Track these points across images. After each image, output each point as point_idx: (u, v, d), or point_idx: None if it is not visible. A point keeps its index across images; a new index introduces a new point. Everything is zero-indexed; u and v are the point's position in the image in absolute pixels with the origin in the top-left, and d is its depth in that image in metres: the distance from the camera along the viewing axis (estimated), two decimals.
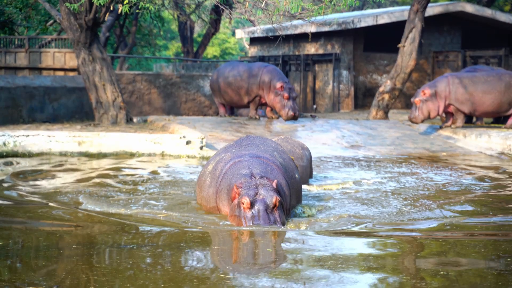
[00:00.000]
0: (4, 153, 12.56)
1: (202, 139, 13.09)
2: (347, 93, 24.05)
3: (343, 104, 23.97)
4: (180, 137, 13.11)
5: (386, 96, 18.78)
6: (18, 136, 12.79)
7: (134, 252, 5.68)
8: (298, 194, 7.59)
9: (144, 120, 16.47)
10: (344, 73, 23.95)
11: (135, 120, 16.36)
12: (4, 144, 12.67)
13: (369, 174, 11.09)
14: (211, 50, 49.53)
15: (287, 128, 16.19)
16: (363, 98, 24.60)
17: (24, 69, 20.86)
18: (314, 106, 24.20)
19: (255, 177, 6.59)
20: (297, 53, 25.43)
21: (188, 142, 13.04)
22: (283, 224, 6.46)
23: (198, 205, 7.63)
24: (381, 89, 18.92)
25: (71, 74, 20.35)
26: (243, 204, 6.44)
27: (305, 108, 24.39)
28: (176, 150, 13.04)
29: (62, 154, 12.79)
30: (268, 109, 17.29)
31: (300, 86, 24.68)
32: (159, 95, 21.97)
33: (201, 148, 13.01)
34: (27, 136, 12.86)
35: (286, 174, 7.12)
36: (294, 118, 16.38)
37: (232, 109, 18.15)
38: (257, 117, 17.07)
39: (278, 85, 16.48)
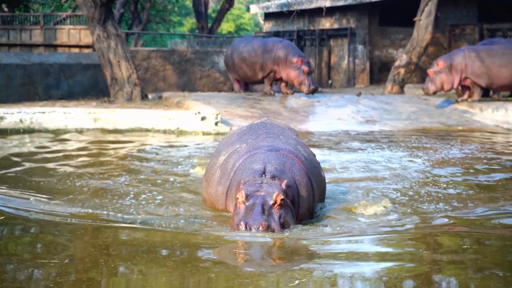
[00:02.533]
0: (21, 130, 12.64)
1: (217, 115, 13.10)
2: (363, 68, 23.92)
3: (359, 79, 23.86)
4: (195, 113, 13.12)
5: (402, 71, 18.66)
6: (34, 113, 12.85)
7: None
8: (322, 194, 6.69)
9: (159, 97, 16.49)
10: (360, 47, 23.80)
11: (150, 96, 16.38)
12: (21, 121, 12.74)
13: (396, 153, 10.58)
14: (226, 26, 49.36)
15: (302, 104, 16.15)
16: (378, 73, 24.45)
17: (39, 46, 20.90)
18: (330, 81, 24.11)
19: (266, 175, 5.70)
20: (312, 28, 25.29)
21: (203, 118, 13.05)
22: (284, 226, 5.49)
23: (204, 202, 6.72)
24: (396, 64, 18.80)
25: (86, 51, 20.37)
26: (237, 198, 5.55)
27: (320, 83, 24.30)
28: (191, 126, 13.06)
29: (78, 130, 12.85)
30: (282, 84, 17.23)
31: (315, 61, 24.57)
32: (174, 72, 21.97)
33: (216, 124, 13.02)
34: (43, 113, 12.92)
35: (311, 172, 6.20)
36: (314, 92, 16.39)
37: (247, 85, 18.12)
38: (272, 92, 17.03)
39: (295, 59, 16.42)
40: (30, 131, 12.64)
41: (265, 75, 17.02)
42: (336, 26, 24.40)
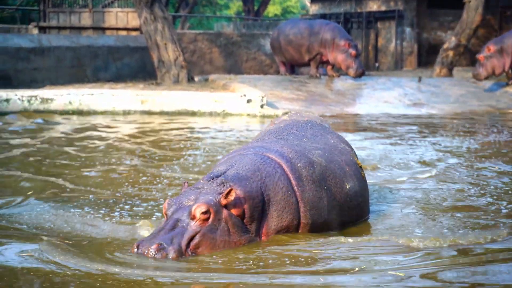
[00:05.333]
0: (70, 111, 12.85)
1: (262, 97, 13.11)
2: (410, 51, 23.62)
3: (406, 62, 23.57)
4: (241, 96, 13.15)
5: (451, 53, 18.38)
6: (83, 95, 13.05)
7: None
8: (349, 210, 5.34)
9: (205, 79, 16.57)
10: (407, 30, 23.49)
11: (196, 79, 16.48)
12: (70, 102, 12.95)
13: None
14: (272, 9, 49.21)
15: (348, 86, 16.06)
16: (426, 55, 24.10)
17: (88, 29, 21.16)
18: (377, 64, 23.88)
19: (215, 180, 4.73)
20: (359, 10, 25.04)
21: (249, 101, 13.07)
22: (197, 249, 4.47)
23: None
24: (445, 46, 18.52)
25: (133, 33, 20.55)
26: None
27: (367, 66, 24.07)
28: (237, 108, 13.10)
29: (126, 112, 13.01)
30: (329, 67, 17.14)
31: (362, 44, 24.32)
32: (220, 54, 22.02)
33: (261, 106, 13.04)
34: (92, 94, 13.11)
35: (312, 185, 5.04)
36: (361, 75, 16.28)
37: (293, 67, 18.08)
38: (318, 75, 16.96)
39: (343, 42, 16.31)
40: (78, 112, 12.85)
41: (312, 57, 16.95)
42: (383, 8, 24.12)
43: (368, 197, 5.74)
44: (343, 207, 5.27)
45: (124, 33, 20.96)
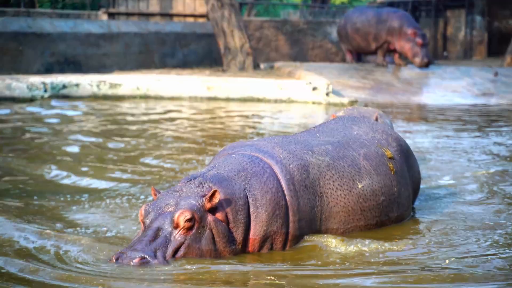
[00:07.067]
0: (137, 97, 13.06)
1: (328, 85, 13.04)
2: (480, 40, 23.08)
3: (476, 51, 23.05)
4: (307, 83, 13.11)
5: None
6: (150, 81, 13.24)
7: None
8: (366, 213, 4.78)
9: (271, 66, 16.58)
10: (478, 18, 22.95)
11: (261, 66, 16.51)
12: (138, 88, 13.16)
13: None
14: None
15: (416, 75, 15.83)
16: (497, 44, 23.51)
17: (156, 15, 21.43)
18: (445, 53, 23.44)
19: (194, 182, 4.27)
20: None
21: (314, 88, 13.03)
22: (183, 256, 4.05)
23: None
24: None
25: (200, 20, 20.71)
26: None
27: (435, 55, 23.65)
28: (302, 96, 13.07)
29: (192, 98, 13.14)
30: (396, 55, 16.92)
31: (430, 33, 23.91)
32: (286, 42, 21.98)
33: (327, 94, 12.97)
34: (159, 80, 13.29)
35: (305, 191, 4.50)
36: (427, 65, 16.01)
37: (359, 55, 17.93)
38: (385, 64, 16.77)
39: (410, 31, 16.07)
40: (145, 97, 13.04)
41: (379, 45, 16.76)
42: None
43: (401, 193, 4.98)
44: (353, 211, 4.68)
45: (191, 19, 21.15)
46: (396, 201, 4.92)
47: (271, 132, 9.56)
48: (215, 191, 4.10)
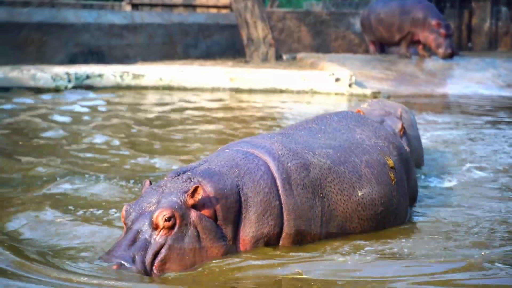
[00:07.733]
0: (160, 87, 13.10)
1: (351, 76, 13.00)
2: (506, 31, 22.84)
3: (501, 43, 22.82)
4: (329, 75, 13.08)
5: None
6: (173, 72, 13.27)
7: None
8: (363, 222, 4.65)
9: (293, 58, 16.55)
10: (503, 9, 22.71)
11: (284, 57, 16.48)
12: (161, 79, 13.20)
13: None
14: None
15: (439, 66, 15.71)
16: None
17: (179, 6, 21.46)
18: (470, 45, 23.24)
19: (182, 177, 4.07)
20: None
21: (337, 80, 12.99)
22: (164, 265, 3.86)
23: None
24: None
25: (223, 11, 20.71)
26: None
27: (459, 46, 23.45)
28: (324, 87, 13.04)
29: (215, 89, 13.16)
30: (420, 46, 16.80)
31: (454, 23, 23.71)
32: (309, 33, 21.91)
33: (350, 85, 12.93)
34: (182, 71, 13.32)
35: (302, 190, 4.35)
36: (451, 56, 15.88)
37: (382, 46, 17.83)
38: (408, 55, 16.66)
39: (434, 22, 15.95)
40: (169, 88, 13.08)
41: (402, 36, 16.66)
42: None
43: (400, 204, 4.84)
44: (351, 218, 4.53)
45: (214, 10, 21.15)
46: (394, 212, 4.78)
47: (294, 123, 9.55)
48: (197, 187, 3.89)
